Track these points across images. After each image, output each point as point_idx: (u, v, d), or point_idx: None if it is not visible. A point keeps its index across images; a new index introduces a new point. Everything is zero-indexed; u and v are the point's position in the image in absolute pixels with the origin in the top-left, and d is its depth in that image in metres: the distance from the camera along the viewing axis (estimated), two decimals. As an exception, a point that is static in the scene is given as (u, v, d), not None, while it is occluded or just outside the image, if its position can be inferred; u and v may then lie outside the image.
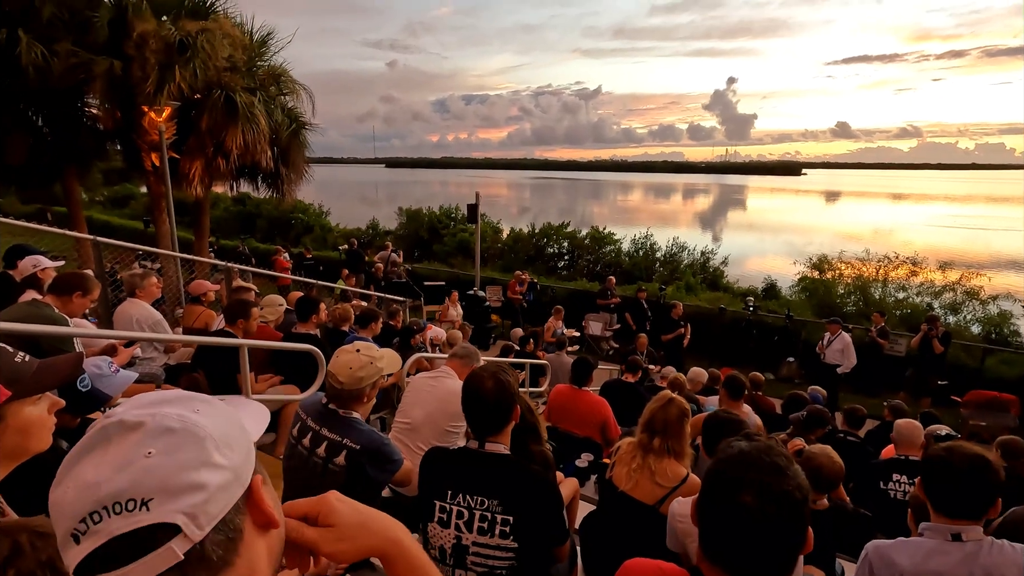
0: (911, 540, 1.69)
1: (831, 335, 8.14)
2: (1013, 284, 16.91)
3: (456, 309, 10.25)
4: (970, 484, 1.58)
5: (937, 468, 1.64)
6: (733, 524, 0.83)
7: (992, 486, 1.58)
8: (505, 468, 1.60)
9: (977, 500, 1.59)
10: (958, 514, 1.60)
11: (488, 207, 27.69)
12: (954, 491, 1.61)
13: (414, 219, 21.11)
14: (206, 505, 0.50)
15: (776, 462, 0.85)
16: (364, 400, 2.03)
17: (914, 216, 55.68)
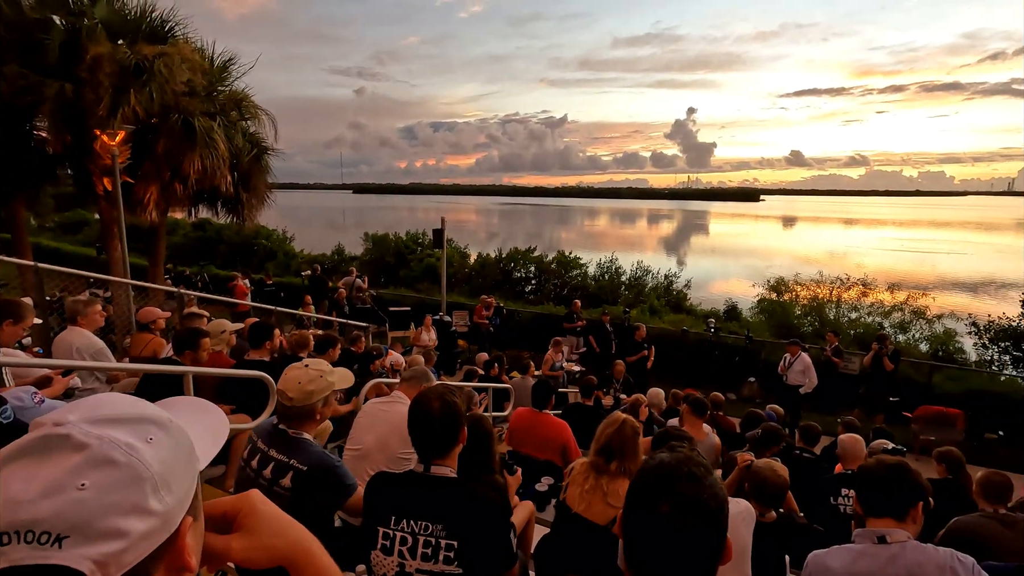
0: (844, 546, 1.78)
1: (791, 356, 8.37)
2: (957, 304, 17.81)
3: (429, 335, 10.16)
4: (889, 484, 1.71)
5: (864, 476, 1.79)
6: (652, 533, 0.84)
7: (909, 486, 1.71)
8: (450, 491, 1.56)
9: (897, 499, 1.71)
10: (881, 512, 1.71)
11: (456, 232, 27.76)
12: (876, 492, 1.73)
13: (380, 245, 20.97)
14: (122, 555, 0.47)
15: (693, 472, 0.86)
16: (316, 418, 1.97)
17: (865, 240, 58.37)
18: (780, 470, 2.46)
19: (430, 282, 16.94)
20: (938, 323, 12.59)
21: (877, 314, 12.90)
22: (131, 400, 0.57)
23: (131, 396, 0.58)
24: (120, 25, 8.59)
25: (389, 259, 19.88)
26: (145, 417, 0.53)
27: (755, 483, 2.43)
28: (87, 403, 0.53)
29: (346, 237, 25.85)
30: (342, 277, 13.31)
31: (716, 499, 0.85)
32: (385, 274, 19.14)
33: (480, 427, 2.13)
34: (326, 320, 9.87)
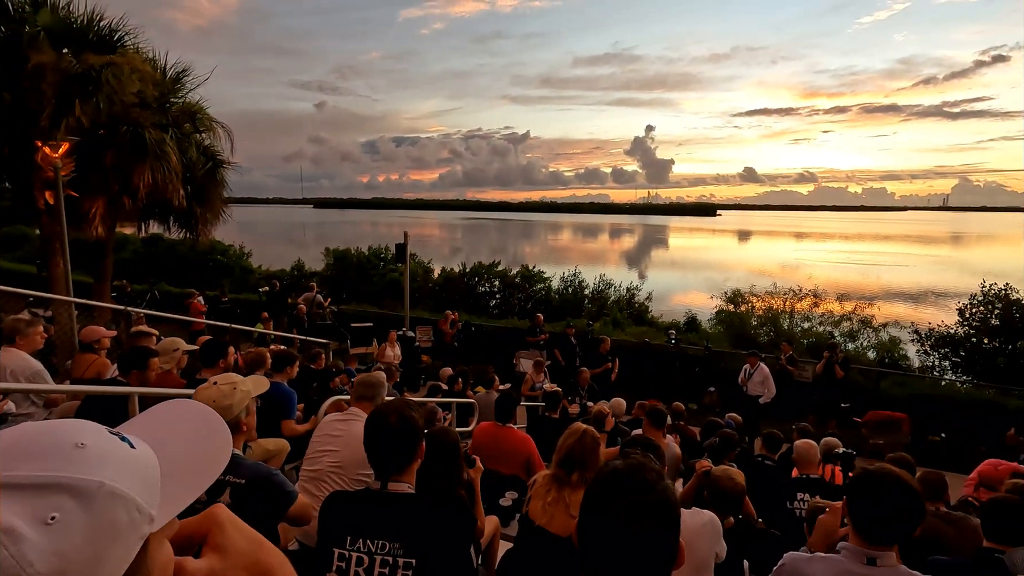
0: (828, 557, 1.68)
1: (751, 367, 8.60)
2: (900, 313, 18.74)
3: (394, 350, 10.01)
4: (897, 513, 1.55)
5: (866, 491, 1.60)
6: (607, 539, 0.85)
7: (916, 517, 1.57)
8: (408, 508, 1.53)
9: (899, 528, 1.58)
10: (878, 540, 1.58)
11: (420, 247, 27.58)
12: (880, 517, 1.57)
13: (342, 260, 20.62)
14: None
15: (646, 478, 0.88)
16: (243, 429, 1.94)
17: (815, 253, 60.91)
18: (737, 477, 2.51)
19: (393, 297, 16.73)
20: (884, 331, 13.21)
21: (828, 323, 13.44)
22: (58, 442, 0.44)
23: (70, 425, 0.47)
24: (65, 33, 8.26)
25: (351, 274, 19.57)
26: (58, 483, 0.40)
27: (713, 490, 2.48)
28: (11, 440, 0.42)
29: (306, 252, 25.33)
30: (302, 293, 13.02)
31: (668, 504, 0.86)
32: (347, 290, 18.80)
33: (443, 441, 2.10)
34: (285, 337, 9.61)
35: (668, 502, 0.87)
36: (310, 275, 19.39)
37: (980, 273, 12.98)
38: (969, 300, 11.80)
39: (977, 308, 11.52)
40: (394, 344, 10.07)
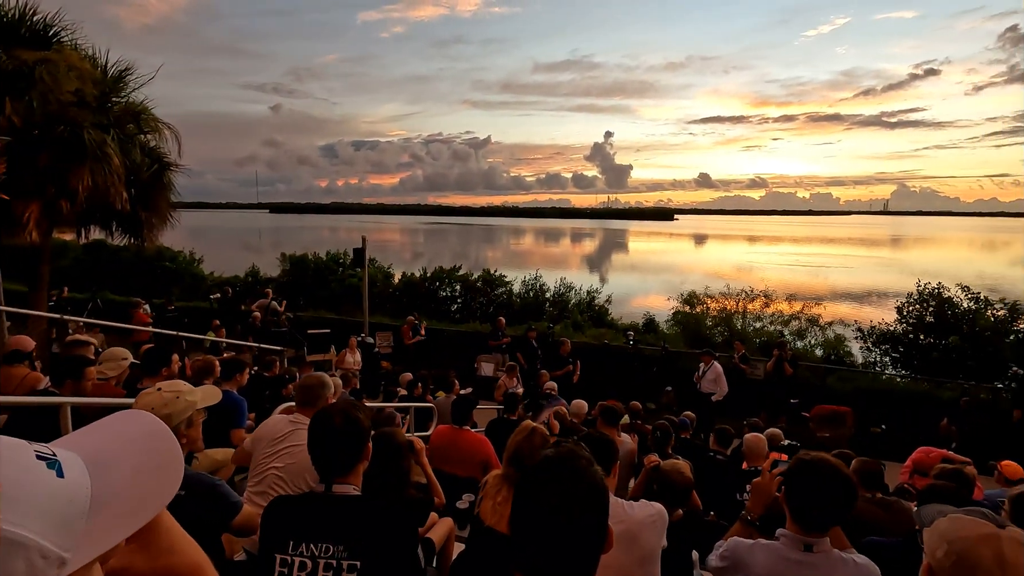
0: (768, 544, 1.73)
1: (704, 366, 8.84)
2: (845, 312, 19.63)
3: (354, 356, 9.86)
4: (831, 500, 1.61)
5: (801, 480, 1.66)
6: (537, 525, 0.86)
7: (850, 504, 1.64)
8: (352, 509, 1.50)
9: (833, 514, 1.65)
10: (814, 527, 1.64)
11: (379, 252, 27.18)
12: (815, 504, 1.63)
13: (299, 265, 20.13)
14: None
15: (576, 465, 0.90)
16: (181, 441, 1.87)
17: (766, 255, 63.22)
18: (684, 470, 2.58)
19: (352, 303, 16.44)
20: (830, 330, 13.80)
21: (778, 323, 13.94)
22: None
23: None
24: (-7, 27, 7.82)
25: (308, 280, 19.13)
26: None
27: (662, 483, 2.54)
28: None
29: (262, 258, 24.63)
30: (256, 300, 12.64)
31: (598, 489, 0.89)
32: (304, 296, 18.37)
33: (390, 443, 2.08)
34: (238, 344, 9.31)
35: (598, 488, 0.89)
36: (265, 281, 18.87)
37: (917, 273, 13.74)
38: (906, 299, 12.47)
39: (913, 306, 12.17)
40: (354, 350, 9.90)
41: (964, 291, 11.51)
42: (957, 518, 1.11)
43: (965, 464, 3.78)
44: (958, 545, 1.05)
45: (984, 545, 1.03)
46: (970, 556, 1.03)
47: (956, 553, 1.04)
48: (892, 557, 2.05)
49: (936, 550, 1.09)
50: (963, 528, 1.09)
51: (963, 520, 1.11)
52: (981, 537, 1.05)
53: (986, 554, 1.03)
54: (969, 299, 11.35)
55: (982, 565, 1.02)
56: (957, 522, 1.11)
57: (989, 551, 1.03)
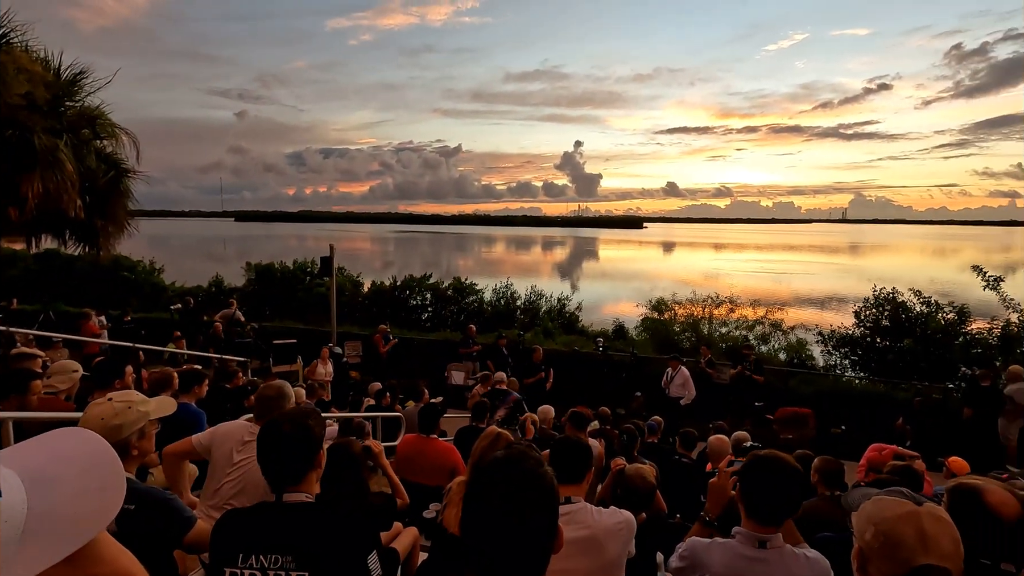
0: (725, 542, 1.78)
1: (672, 371, 8.98)
2: (808, 317, 20.21)
3: (326, 367, 9.66)
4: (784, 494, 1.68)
5: (754, 476, 1.72)
6: (486, 528, 0.87)
7: (800, 497, 1.71)
8: (302, 517, 1.47)
9: (786, 509, 1.71)
10: (767, 522, 1.70)
11: (349, 261, 26.78)
12: (768, 500, 1.69)
13: (265, 275, 19.70)
14: None
15: (526, 466, 0.91)
16: (132, 453, 1.81)
17: (732, 262, 64.79)
18: (647, 474, 2.61)
19: (320, 313, 16.16)
20: (792, 334, 14.18)
21: (743, 328, 14.26)
22: None
23: None
24: (-64, 28, 7.48)
25: (275, 290, 18.73)
26: None
27: (625, 487, 2.56)
28: None
29: (226, 267, 24.01)
30: (219, 310, 12.32)
31: (546, 489, 0.89)
32: (270, 305, 17.97)
33: (346, 453, 2.05)
34: (199, 356, 9.04)
35: (547, 489, 0.90)
36: (229, 291, 18.39)
37: (873, 279, 14.20)
38: (863, 303, 12.91)
39: (870, 311, 12.61)
40: (326, 361, 9.72)
41: (916, 296, 11.98)
42: (879, 499, 1.16)
43: (914, 458, 3.93)
44: (883, 526, 1.10)
45: (905, 523, 1.08)
46: (894, 534, 1.08)
47: (882, 534, 1.09)
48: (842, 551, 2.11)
49: (864, 533, 1.14)
50: (886, 508, 1.13)
51: (885, 501, 1.16)
52: (902, 516, 1.10)
53: (908, 532, 1.07)
54: (921, 303, 11.82)
55: (906, 543, 1.07)
56: (880, 503, 1.16)
57: (911, 528, 1.07)
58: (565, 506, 2.04)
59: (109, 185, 9.22)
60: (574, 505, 2.04)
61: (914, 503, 1.12)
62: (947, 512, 1.56)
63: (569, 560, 1.97)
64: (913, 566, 1.04)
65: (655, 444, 4.97)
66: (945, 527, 1.10)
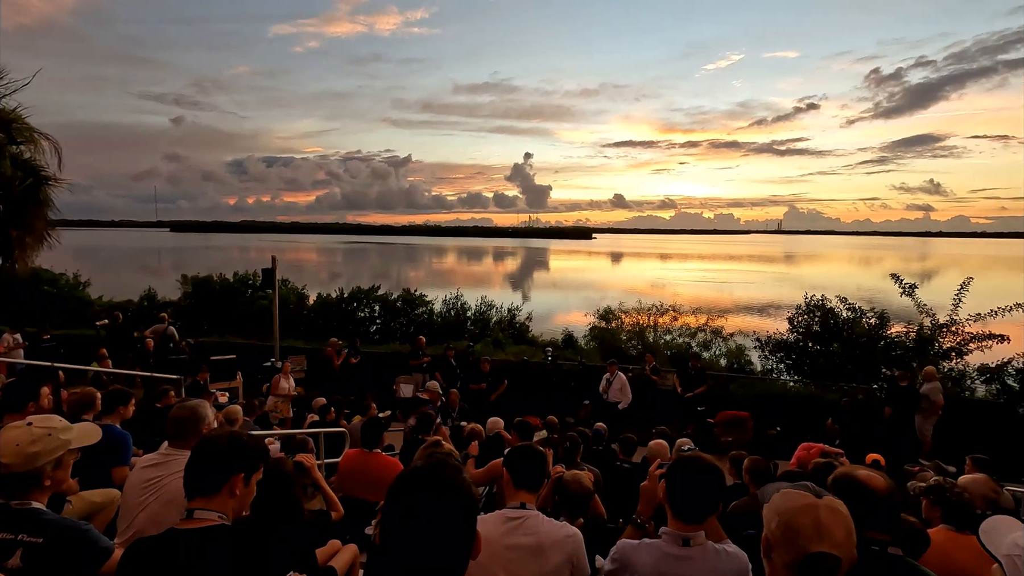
0: (652, 542, 1.86)
1: (610, 376, 9.16)
2: (747, 323, 21.12)
3: (289, 381, 9.33)
4: (704, 492, 1.77)
5: (678, 476, 1.81)
6: (406, 536, 0.88)
7: (720, 494, 1.80)
8: (211, 541, 1.41)
9: (707, 507, 1.79)
10: (690, 519, 1.78)
11: (294, 272, 25.99)
12: (690, 498, 1.78)
13: (202, 288, 18.81)
14: None
15: (444, 474, 0.93)
16: (45, 484, 1.71)
17: (678, 272, 67.07)
18: (583, 479, 2.67)
19: (262, 327, 15.58)
20: (731, 340, 14.78)
21: (686, 335, 14.77)
22: None
23: None
24: None
25: (213, 303, 17.91)
26: None
27: (562, 493, 2.61)
28: None
29: (160, 280, 22.79)
30: (151, 325, 11.67)
31: (464, 496, 0.92)
32: (208, 320, 17.17)
33: (276, 473, 1.99)
34: (127, 375, 8.54)
35: (465, 496, 0.92)
36: (163, 305, 17.45)
37: (806, 287, 14.99)
38: (796, 310, 13.63)
39: (802, 317, 13.31)
40: (288, 375, 9.36)
41: (843, 302, 12.76)
42: (785, 492, 1.27)
43: (839, 455, 4.18)
44: (785, 516, 1.21)
45: (804, 514, 1.19)
46: (793, 524, 1.19)
47: (784, 524, 1.20)
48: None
49: (770, 523, 1.25)
50: (789, 501, 1.24)
51: (790, 494, 1.27)
52: (802, 507, 1.21)
53: (806, 522, 1.18)
54: (847, 309, 12.59)
55: (803, 532, 1.17)
56: (784, 496, 1.27)
57: (808, 519, 1.18)
58: (518, 511, 2.08)
59: (26, 193, 8.64)
60: (527, 512, 2.10)
61: (815, 496, 1.22)
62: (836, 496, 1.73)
63: (514, 565, 2.00)
64: (807, 553, 1.13)
65: (599, 451, 5.07)
66: (840, 518, 1.20)
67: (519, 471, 2.16)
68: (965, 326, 10.90)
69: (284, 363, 9.64)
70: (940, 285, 23.21)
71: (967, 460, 4.55)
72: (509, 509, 2.10)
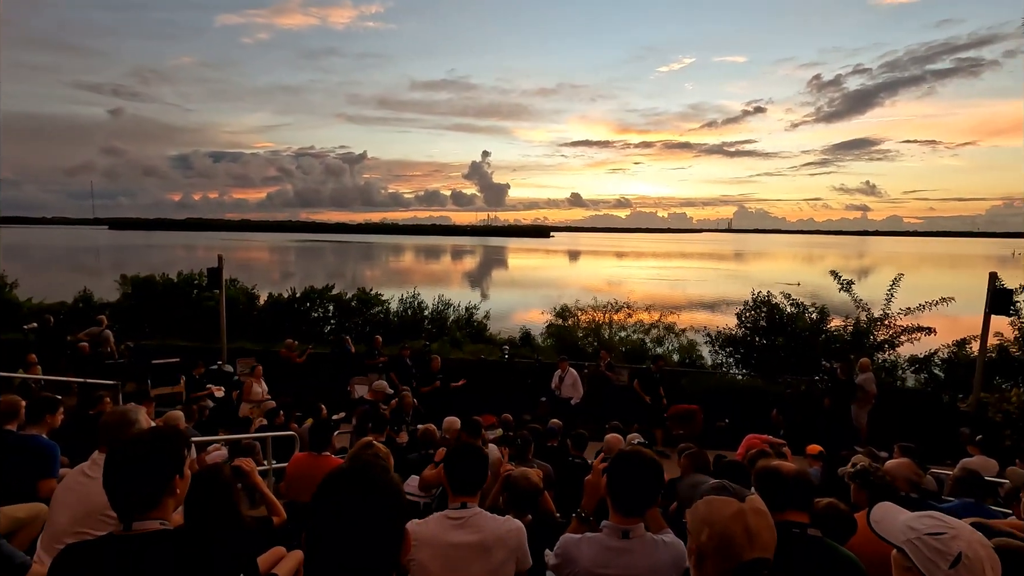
0: (593, 536, 1.91)
1: (562, 372, 9.26)
2: (699, 319, 21.76)
3: (261, 385, 8.96)
4: (642, 486, 1.83)
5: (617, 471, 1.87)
6: (330, 534, 0.87)
7: (659, 487, 1.86)
8: (154, 548, 1.34)
9: (645, 499, 1.86)
10: (630, 512, 1.85)
11: (244, 272, 25.07)
12: (629, 491, 1.84)
13: (144, 288, 17.89)
14: None
15: (369, 474, 0.92)
16: None
17: (634, 270, 68.47)
18: (531, 475, 2.69)
19: (209, 328, 14.97)
20: (684, 336, 15.19)
21: (640, 332, 15.09)
22: None
23: None
24: None
25: (155, 305, 17.07)
26: None
27: (509, 491, 2.63)
28: None
29: (97, 281, 21.56)
30: (87, 328, 11.04)
31: (392, 497, 0.91)
32: (150, 322, 16.37)
33: (214, 479, 1.92)
34: (59, 382, 8.05)
35: (391, 496, 0.91)
36: (100, 307, 16.53)
37: (754, 283, 15.56)
38: (743, 306, 14.14)
39: (749, 312, 13.83)
40: (260, 379, 8.99)
41: (787, 298, 13.33)
42: (711, 500, 1.26)
43: (781, 446, 4.36)
44: (717, 527, 1.21)
45: (735, 522, 1.20)
46: (727, 534, 1.19)
47: (717, 535, 1.20)
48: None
49: (700, 534, 1.24)
50: (717, 510, 1.24)
51: (716, 502, 1.26)
52: (731, 516, 1.21)
53: (737, 530, 1.19)
54: (791, 305, 13.16)
55: (736, 540, 1.18)
56: (711, 504, 1.26)
57: (739, 527, 1.19)
58: (460, 511, 2.09)
59: (-58, 188, 8.01)
60: (468, 511, 2.11)
61: (738, 498, 1.24)
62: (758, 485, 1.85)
63: (461, 563, 2.00)
64: (742, 561, 1.16)
65: (553, 447, 5.12)
66: (764, 519, 1.24)
67: (457, 476, 2.16)
68: (897, 320, 11.56)
69: (256, 367, 9.27)
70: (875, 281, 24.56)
71: (895, 447, 4.84)
72: (450, 510, 2.11)
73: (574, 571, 1.85)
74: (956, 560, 1.21)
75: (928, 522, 1.29)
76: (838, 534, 2.10)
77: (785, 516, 1.87)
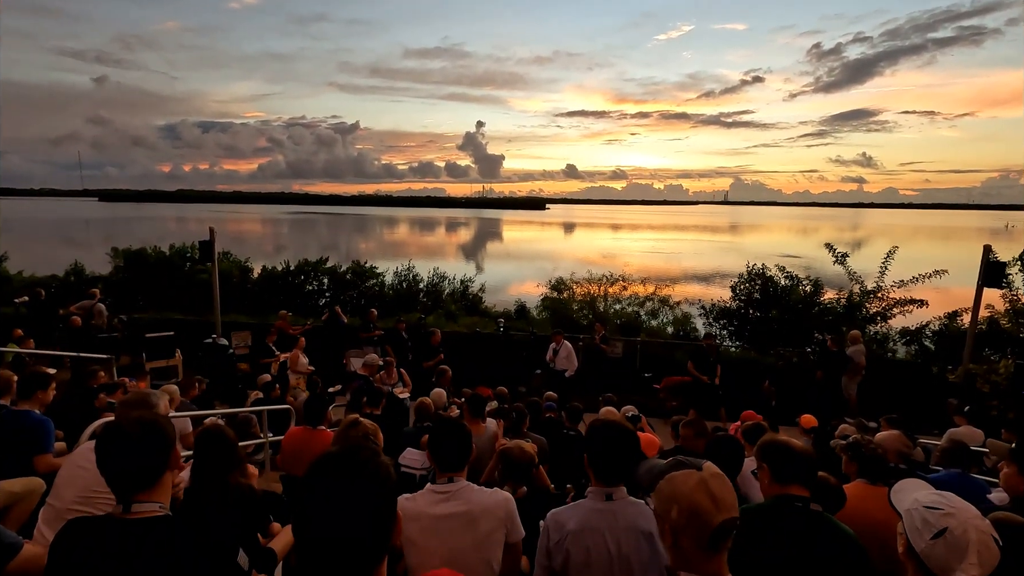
0: (578, 503, 2.00)
1: (556, 345, 9.29)
2: (694, 292, 21.83)
3: (304, 357, 8.80)
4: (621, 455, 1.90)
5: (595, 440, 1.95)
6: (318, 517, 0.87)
7: (635, 455, 1.91)
8: (152, 535, 1.34)
9: (624, 466, 1.92)
10: (610, 480, 1.94)
11: (237, 244, 24.86)
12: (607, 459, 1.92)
13: (136, 261, 17.74)
14: None
15: (358, 457, 0.91)
16: None
17: (628, 242, 68.39)
18: (526, 447, 2.71)
19: (202, 302, 14.91)
20: (678, 308, 15.26)
21: (635, 304, 15.14)
22: None
23: None
24: None
25: (148, 278, 16.95)
26: None
27: (503, 463, 2.65)
28: None
29: (88, 253, 21.37)
30: (78, 301, 10.95)
31: (378, 478, 0.91)
32: (144, 295, 16.28)
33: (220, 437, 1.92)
34: (51, 356, 8.03)
35: (380, 479, 0.91)
36: (92, 280, 16.42)
37: (749, 256, 15.56)
38: (738, 278, 14.16)
39: (743, 285, 13.87)
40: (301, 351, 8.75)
41: (781, 271, 13.35)
42: (671, 477, 1.27)
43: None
44: (684, 502, 1.22)
45: (700, 492, 1.22)
46: (694, 505, 1.21)
47: (686, 509, 1.22)
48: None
49: (669, 512, 1.25)
50: (681, 485, 1.25)
51: (677, 478, 1.27)
52: (695, 486, 1.23)
53: (703, 499, 1.21)
54: (785, 278, 13.20)
55: (704, 508, 1.20)
56: (673, 481, 1.27)
57: (704, 495, 1.21)
58: (446, 485, 2.12)
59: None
60: (455, 484, 2.15)
61: (696, 469, 1.25)
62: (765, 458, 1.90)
63: (451, 535, 2.03)
64: (714, 527, 1.17)
65: (549, 420, 5.16)
66: (724, 482, 1.26)
67: (442, 454, 2.17)
68: (890, 292, 11.62)
69: (300, 338, 9.11)
70: (870, 253, 24.63)
71: (881, 420, 4.91)
72: (436, 484, 2.15)
73: (563, 535, 1.90)
74: (938, 533, 1.31)
75: (933, 498, 1.36)
76: (827, 507, 2.14)
77: (788, 489, 1.99)
